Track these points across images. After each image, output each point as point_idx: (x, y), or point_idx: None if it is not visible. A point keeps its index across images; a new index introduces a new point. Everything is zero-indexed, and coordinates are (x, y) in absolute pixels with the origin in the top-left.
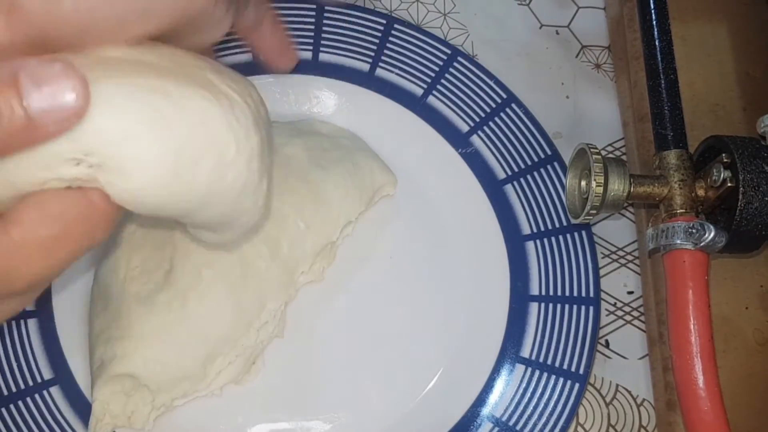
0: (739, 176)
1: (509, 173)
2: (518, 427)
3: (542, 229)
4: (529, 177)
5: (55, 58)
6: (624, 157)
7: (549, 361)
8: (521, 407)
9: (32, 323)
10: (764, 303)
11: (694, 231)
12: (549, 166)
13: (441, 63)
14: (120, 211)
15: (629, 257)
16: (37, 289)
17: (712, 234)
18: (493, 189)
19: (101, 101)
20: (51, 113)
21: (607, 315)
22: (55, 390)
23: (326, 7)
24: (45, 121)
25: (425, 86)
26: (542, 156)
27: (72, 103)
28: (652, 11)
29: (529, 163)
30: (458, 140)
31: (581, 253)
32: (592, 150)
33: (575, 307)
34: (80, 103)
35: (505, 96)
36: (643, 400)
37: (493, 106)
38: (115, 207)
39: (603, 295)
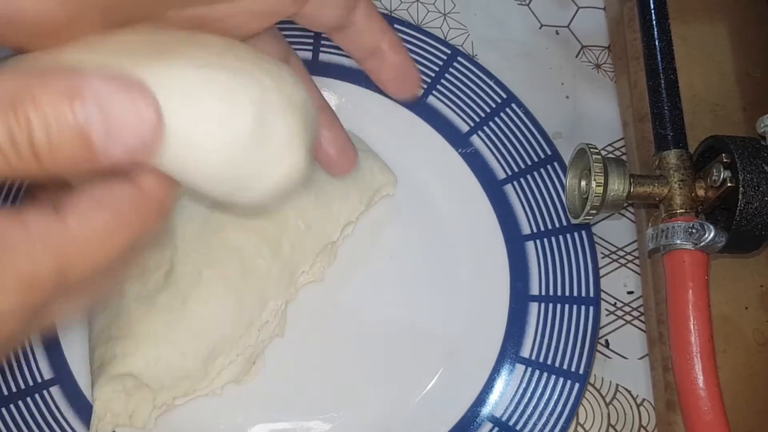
0: (739, 176)
1: (509, 173)
2: (518, 427)
3: (542, 229)
4: (529, 177)
5: (125, 81)
6: (624, 157)
7: (549, 361)
8: (521, 407)
9: None
10: (764, 303)
11: (694, 231)
12: (549, 166)
13: (441, 63)
14: (173, 196)
15: (629, 257)
16: (91, 287)
17: (712, 234)
18: (493, 189)
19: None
20: (118, 138)
21: (607, 315)
22: (55, 390)
23: None
24: (111, 145)
25: (425, 86)
26: (542, 156)
27: (145, 132)
28: (652, 11)
29: (529, 163)
30: (458, 140)
31: (581, 253)
32: (592, 150)
33: (575, 307)
34: (153, 134)
35: (505, 96)
36: (643, 400)
37: (493, 106)
38: (168, 193)
39: (603, 295)
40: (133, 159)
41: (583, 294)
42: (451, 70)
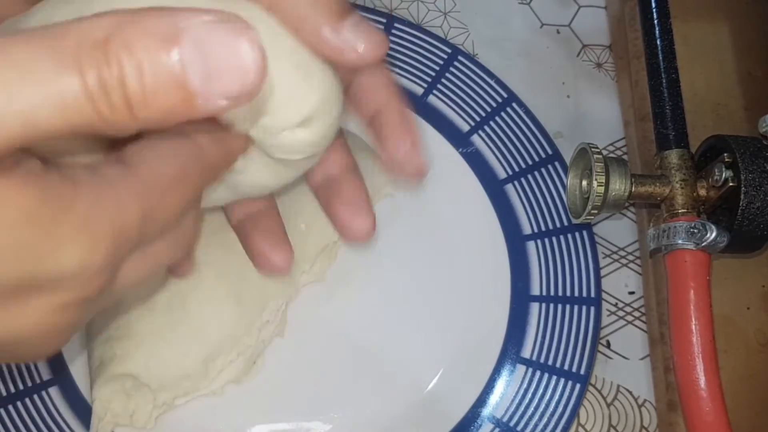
0: (740, 176)
1: (510, 173)
2: (519, 428)
3: (543, 228)
4: (529, 177)
5: (227, 16)
6: (625, 157)
7: (550, 362)
8: (522, 408)
9: None
10: (766, 303)
11: (695, 231)
12: (550, 166)
13: (441, 62)
14: (228, 153)
15: (630, 257)
16: (169, 242)
17: (714, 234)
18: (494, 189)
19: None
20: (219, 84)
21: (608, 315)
22: (54, 391)
23: None
24: (211, 93)
25: (425, 85)
26: (543, 156)
27: (250, 77)
28: (654, 10)
29: (530, 162)
30: (459, 140)
31: (582, 253)
32: (593, 149)
33: (576, 307)
34: (257, 76)
35: (505, 95)
36: (645, 400)
37: (494, 105)
38: (221, 144)
39: (604, 295)
40: (234, 106)
41: (584, 294)
42: (451, 69)
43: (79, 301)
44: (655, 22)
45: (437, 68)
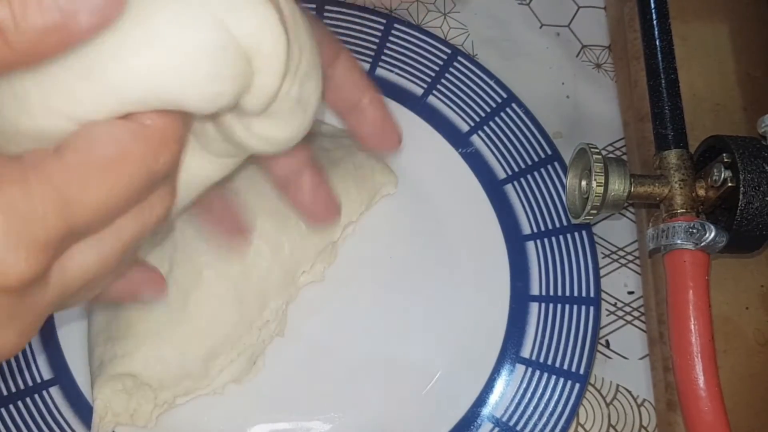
0: (739, 176)
1: (509, 173)
2: (518, 428)
3: (542, 229)
4: (529, 177)
5: None
6: (624, 157)
7: (549, 362)
8: (521, 407)
9: None
10: (765, 303)
11: (694, 231)
12: (549, 166)
13: (441, 63)
14: (178, 127)
15: (630, 257)
16: (114, 237)
17: (713, 234)
18: (494, 189)
19: None
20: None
21: (607, 315)
22: (54, 390)
23: (326, 7)
24: (79, 9)
25: (425, 86)
26: (542, 156)
27: None
28: (653, 11)
29: (530, 162)
30: (458, 140)
31: (581, 253)
32: (592, 150)
33: (575, 307)
34: None
35: (505, 96)
36: (644, 400)
37: (494, 105)
38: (171, 122)
39: (603, 295)
40: (106, 23)
41: (584, 294)
42: (451, 69)
43: (6, 315)
44: (654, 22)
45: (437, 69)
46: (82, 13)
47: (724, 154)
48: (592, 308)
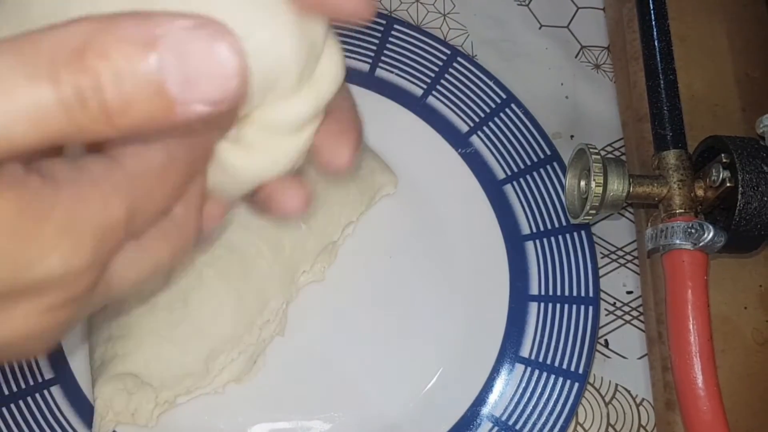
0: (738, 176)
1: (509, 173)
2: (518, 427)
3: (542, 229)
4: (528, 177)
5: (207, 22)
6: (623, 158)
7: (548, 361)
8: (521, 407)
9: None
10: (763, 303)
11: (693, 231)
12: (548, 166)
13: (441, 63)
14: (218, 136)
15: (628, 257)
16: (160, 238)
17: (711, 234)
18: (493, 189)
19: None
20: (199, 91)
21: (606, 315)
22: (55, 390)
23: None
24: (190, 99)
25: (425, 86)
26: (542, 156)
27: (230, 83)
28: (652, 12)
29: (529, 163)
30: (458, 140)
31: (581, 253)
32: (591, 150)
33: (575, 306)
34: (240, 83)
35: (504, 96)
36: (643, 399)
37: (493, 106)
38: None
39: (602, 295)
40: (216, 112)
41: (583, 294)
42: (450, 70)
43: (67, 302)
44: (653, 23)
45: (436, 69)
46: (196, 103)
47: (723, 155)
48: (591, 308)
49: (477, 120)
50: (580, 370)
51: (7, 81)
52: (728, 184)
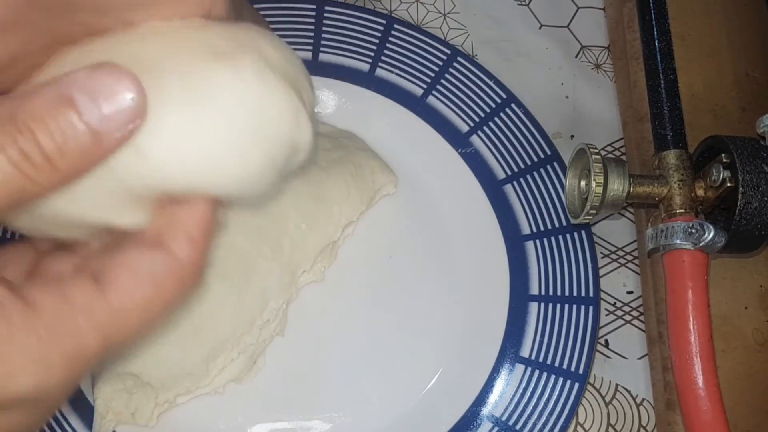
0: (738, 176)
1: (509, 173)
2: (518, 427)
3: (542, 229)
4: (528, 177)
5: (99, 65)
6: (623, 157)
7: (549, 361)
8: (521, 407)
9: None
10: (764, 303)
11: (693, 231)
12: (549, 166)
13: (441, 63)
14: (207, 256)
15: (629, 257)
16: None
17: (712, 234)
18: (493, 189)
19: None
20: (113, 121)
21: (606, 315)
22: None
23: (326, 7)
24: (110, 130)
25: (425, 86)
26: (542, 156)
27: (132, 104)
28: (652, 11)
29: (529, 163)
30: (458, 140)
31: (581, 253)
32: (591, 150)
33: (575, 306)
34: (139, 101)
35: (504, 96)
36: (643, 399)
37: (493, 106)
38: (201, 253)
39: (602, 295)
40: (131, 132)
41: (583, 294)
42: (450, 70)
43: (37, 414)
44: (654, 23)
45: (436, 69)
46: (113, 132)
47: (723, 155)
48: (591, 308)
49: (477, 120)
50: (581, 370)
51: None
52: (728, 184)
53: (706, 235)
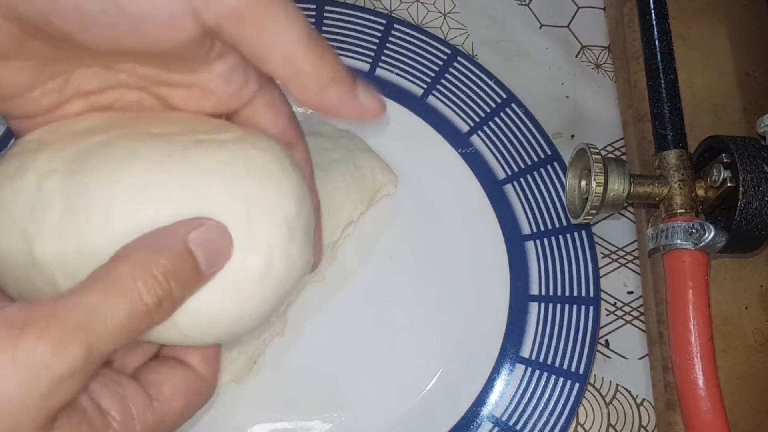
0: (739, 176)
1: (509, 173)
2: (518, 427)
3: (542, 229)
4: (529, 177)
5: (203, 221)
6: (624, 157)
7: (549, 361)
8: (521, 407)
9: None
10: (764, 303)
11: (694, 231)
12: (549, 166)
13: (441, 63)
14: (217, 374)
15: (629, 257)
16: None
17: (712, 234)
18: (493, 189)
19: None
20: (216, 267)
21: (606, 315)
22: None
23: (326, 7)
24: (212, 272)
25: (425, 86)
26: (542, 156)
27: (228, 251)
28: (652, 11)
29: (529, 163)
30: (458, 140)
31: (581, 253)
32: (591, 150)
33: (575, 306)
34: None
35: (504, 96)
36: (643, 399)
37: (493, 106)
38: (214, 369)
39: (603, 295)
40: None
41: (583, 294)
42: (451, 70)
43: None
44: (654, 23)
45: (437, 69)
46: (212, 272)
47: (724, 155)
48: (591, 308)
49: (477, 120)
50: (581, 371)
51: (110, 311)
52: (729, 184)
53: (706, 235)
